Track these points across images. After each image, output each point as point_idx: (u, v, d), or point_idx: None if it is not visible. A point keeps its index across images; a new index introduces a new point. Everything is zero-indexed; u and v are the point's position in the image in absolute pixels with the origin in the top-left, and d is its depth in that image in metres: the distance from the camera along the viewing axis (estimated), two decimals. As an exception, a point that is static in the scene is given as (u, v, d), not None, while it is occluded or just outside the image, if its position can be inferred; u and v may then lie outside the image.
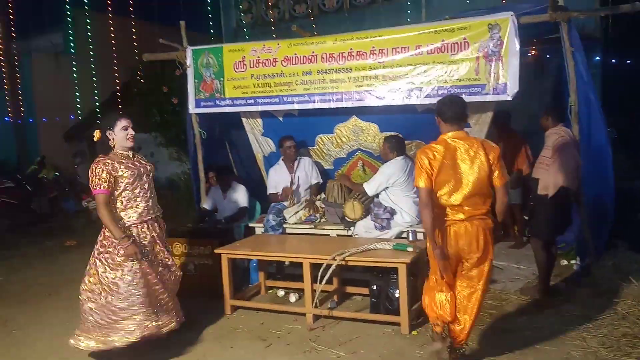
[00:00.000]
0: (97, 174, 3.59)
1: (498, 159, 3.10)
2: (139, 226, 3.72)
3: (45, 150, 11.77)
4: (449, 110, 3.16)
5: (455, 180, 3.06)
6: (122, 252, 3.57)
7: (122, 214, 3.69)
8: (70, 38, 13.24)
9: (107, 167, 3.60)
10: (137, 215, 3.71)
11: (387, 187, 4.82)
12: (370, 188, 4.88)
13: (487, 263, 3.16)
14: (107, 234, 3.65)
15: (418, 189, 3.13)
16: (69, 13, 12.98)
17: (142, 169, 3.78)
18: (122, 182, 3.65)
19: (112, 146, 3.73)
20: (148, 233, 3.76)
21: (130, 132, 3.75)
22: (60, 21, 13.57)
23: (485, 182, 3.08)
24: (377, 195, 4.90)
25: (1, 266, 6.76)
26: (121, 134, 3.72)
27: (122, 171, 3.65)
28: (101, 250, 3.66)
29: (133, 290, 3.60)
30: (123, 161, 3.70)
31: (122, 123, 3.73)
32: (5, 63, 11.32)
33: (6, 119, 11.25)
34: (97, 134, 3.76)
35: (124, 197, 3.68)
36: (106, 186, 3.57)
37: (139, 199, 3.72)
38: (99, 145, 3.75)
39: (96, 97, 12.54)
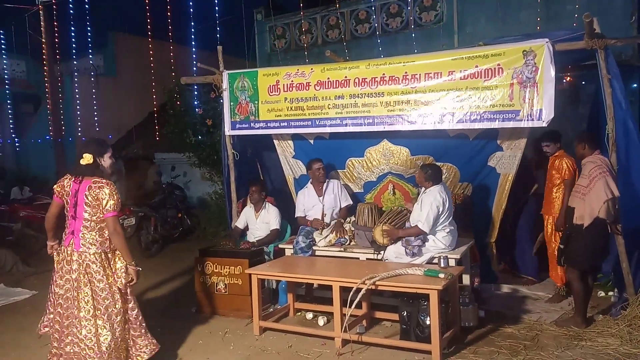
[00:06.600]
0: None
1: None
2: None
3: (82, 168, 12.13)
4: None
5: None
6: None
7: None
8: (110, 60, 13.80)
9: None
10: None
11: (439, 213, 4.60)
12: (424, 225, 4.59)
13: None
14: None
15: None
16: (109, 37, 13.56)
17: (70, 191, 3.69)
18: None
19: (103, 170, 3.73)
20: (59, 256, 3.84)
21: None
22: (102, 44, 14.18)
23: None
24: (409, 221, 4.85)
25: (36, 279, 6.92)
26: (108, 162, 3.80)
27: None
28: None
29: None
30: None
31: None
32: (48, 84, 11.78)
33: (47, 137, 11.68)
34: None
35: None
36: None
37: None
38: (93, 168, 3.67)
39: (133, 118, 12.99)
